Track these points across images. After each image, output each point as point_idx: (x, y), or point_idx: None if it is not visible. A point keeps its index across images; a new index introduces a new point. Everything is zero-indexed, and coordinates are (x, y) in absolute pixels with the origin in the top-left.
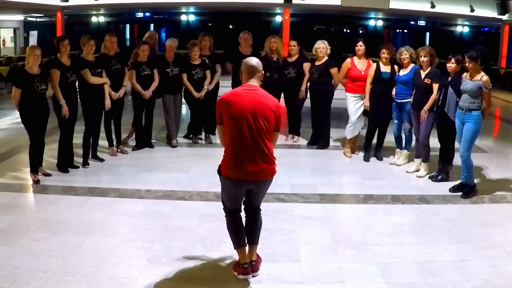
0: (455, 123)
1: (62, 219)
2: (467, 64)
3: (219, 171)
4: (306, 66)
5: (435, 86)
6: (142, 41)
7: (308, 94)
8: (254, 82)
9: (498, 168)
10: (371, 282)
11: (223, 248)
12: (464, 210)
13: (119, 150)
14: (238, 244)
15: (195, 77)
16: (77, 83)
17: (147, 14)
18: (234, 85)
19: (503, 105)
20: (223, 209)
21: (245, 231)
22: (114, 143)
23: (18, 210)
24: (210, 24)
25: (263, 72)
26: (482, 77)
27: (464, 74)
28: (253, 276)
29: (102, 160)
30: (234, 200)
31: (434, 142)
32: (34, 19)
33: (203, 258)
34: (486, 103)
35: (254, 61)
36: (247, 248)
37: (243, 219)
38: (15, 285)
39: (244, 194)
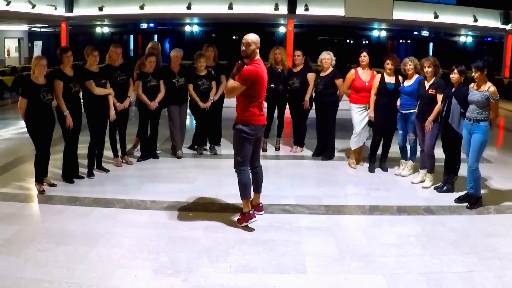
0: (458, 134)
1: (67, 229)
2: (473, 74)
3: (242, 126)
4: (311, 76)
5: (440, 97)
6: (149, 52)
7: (313, 105)
8: (259, 56)
9: (503, 179)
10: None
11: (229, 259)
12: (469, 220)
13: (124, 161)
14: (249, 195)
15: (201, 88)
16: (81, 94)
17: (151, 25)
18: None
19: (507, 115)
20: (238, 167)
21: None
22: (119, 153)
23: (23, 220)
24: (214, 35)
25: None
26: (490, 87)
27: (471, 85)
28: (260, 214)
29: (107, 170)
30: (249, 150)
31: (439, 152)
32: (38, 29)
33: (209, 269)
34: (494, 114)
35: (256, 36)
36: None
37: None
38: None
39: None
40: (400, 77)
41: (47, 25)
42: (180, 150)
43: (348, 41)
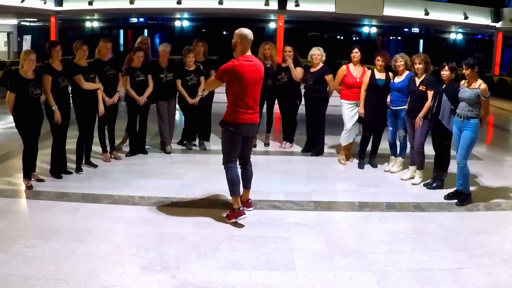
0: (448, 131)
1: (55, 225)
2: (464, 71)
3: (226, 124)
4: (299, 70)
5: (430, 93)
6: (138, 47)
7: (303, 100)
8: (249, 52)
9: (492, 176)
10: None
11: (218, 256)
12: (459, 217)
13: (112, 156)
14: (238, 192)
15: (189, 83)
16: (70, 88)
17: (141, 19)
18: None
19: (496, 112)
20: (226, 164)
21: (241, 181)
22: (108, 149)
23: (11, 216)
24: (204, 30)
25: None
26: (480, 85)
27: (462, 82)
28: (249, 210)
29: (95, 166)
30: (235, 148)
31: (429, 149)
32: (28, 24)
33: (197, 266)
34: (484, 111)
35: (247, 31)
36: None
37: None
38: None
39: (241, 142)
40: (390, 74)
41: (36, 19)
42: (169, 145)
43: (338, 37)
